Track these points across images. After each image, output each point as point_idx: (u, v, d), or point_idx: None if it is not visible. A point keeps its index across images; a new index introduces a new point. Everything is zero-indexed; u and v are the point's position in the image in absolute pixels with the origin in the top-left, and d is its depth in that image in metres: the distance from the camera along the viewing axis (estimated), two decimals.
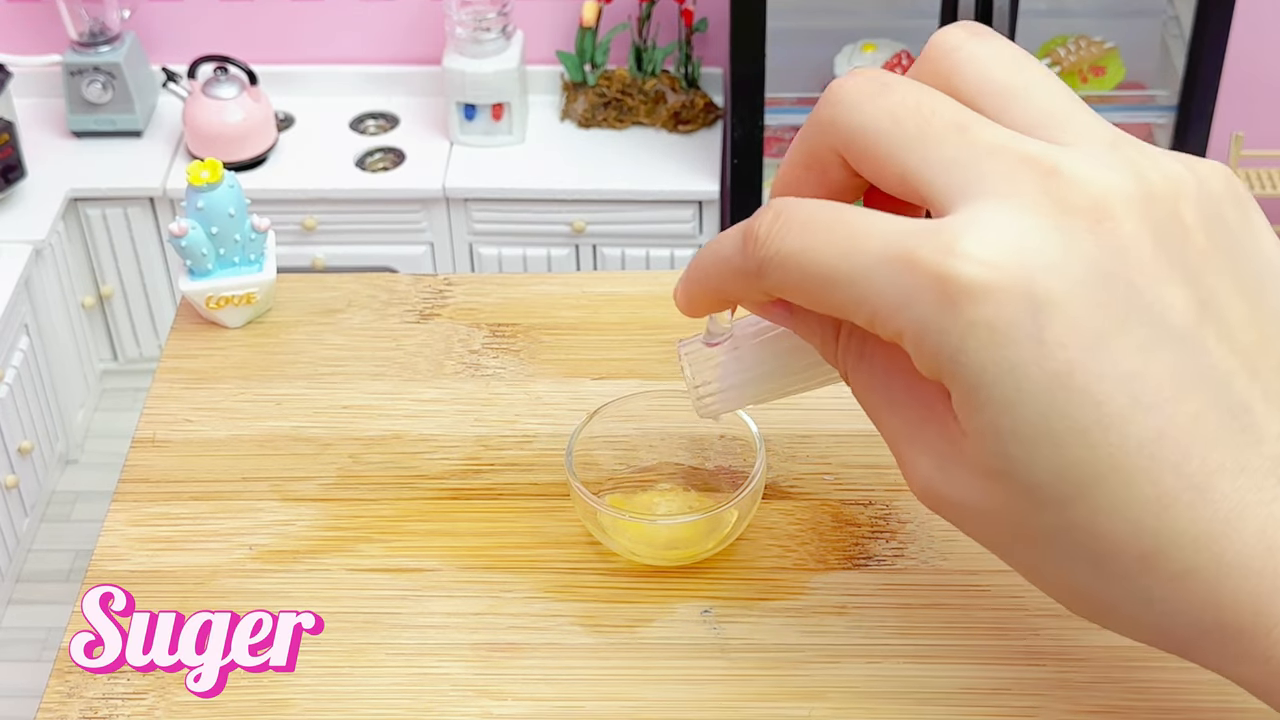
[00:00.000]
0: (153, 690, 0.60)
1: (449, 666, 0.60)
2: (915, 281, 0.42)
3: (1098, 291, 0.41)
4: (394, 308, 0.79)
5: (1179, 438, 0.41)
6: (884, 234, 0.43)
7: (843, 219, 0.44)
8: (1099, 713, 0.57)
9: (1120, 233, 0.41)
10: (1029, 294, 0.41)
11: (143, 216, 2.37)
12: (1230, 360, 0.42)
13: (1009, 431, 0.42)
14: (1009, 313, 0.41)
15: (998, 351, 0.41)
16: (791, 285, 0.45)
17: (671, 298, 0.53)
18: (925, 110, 0.44)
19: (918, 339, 0.42)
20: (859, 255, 0.43)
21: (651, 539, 0.63)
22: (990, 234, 0.41)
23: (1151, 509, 0.41)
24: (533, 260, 2.42)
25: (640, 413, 0.67)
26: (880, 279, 0.42)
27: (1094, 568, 0.43)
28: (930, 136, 0.44)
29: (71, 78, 2.38)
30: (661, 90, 2.42)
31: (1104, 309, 0.41)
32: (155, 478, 0.70)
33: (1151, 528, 0.41)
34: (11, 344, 2.19)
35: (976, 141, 0.43)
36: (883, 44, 2.35)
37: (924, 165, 0.43)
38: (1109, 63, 2.32)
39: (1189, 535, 0.41)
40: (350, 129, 2.47)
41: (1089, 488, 0.41)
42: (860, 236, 0.43)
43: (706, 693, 0.59)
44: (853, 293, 0.43)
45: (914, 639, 0.61)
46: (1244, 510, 0.41)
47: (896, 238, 0.42)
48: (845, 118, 0.45)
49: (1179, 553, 0.41)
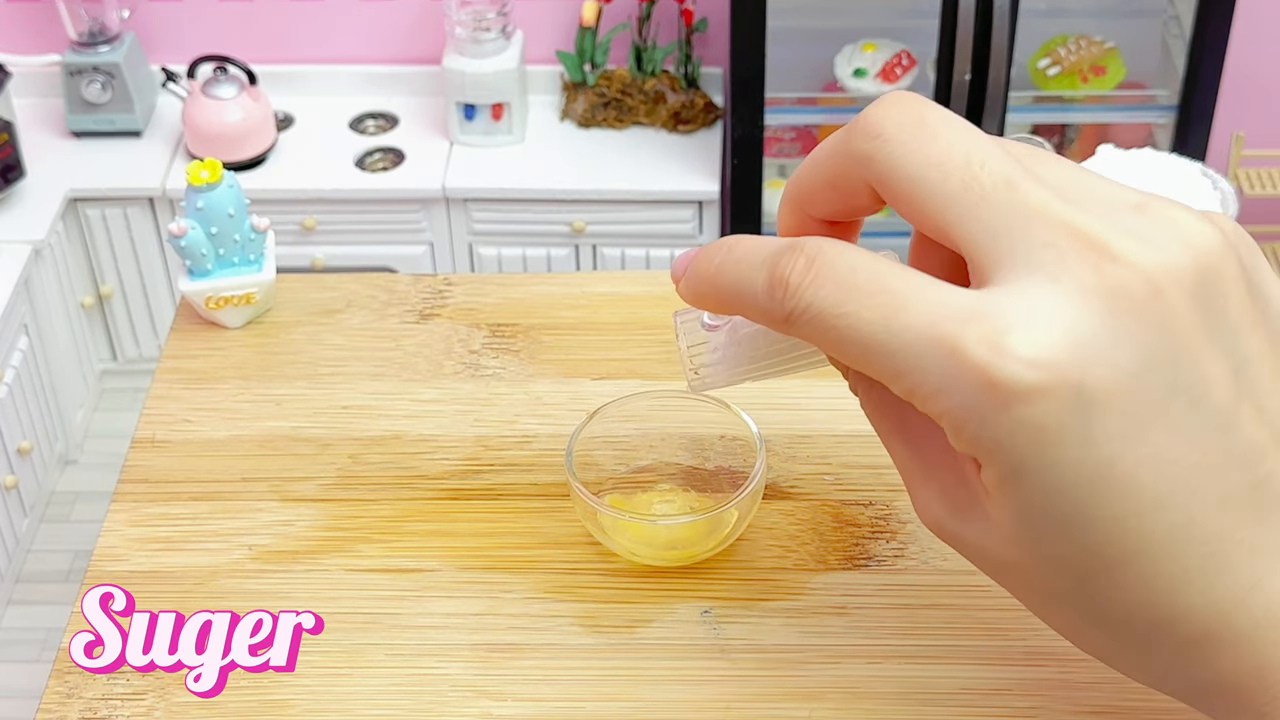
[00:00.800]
0: (152, 690, 0.60)
1: (449, 667, 0.60)
2: (960, 371, 0.40)
3: (1145, 378, 0.40)
4: (394, 308, 0.79)
5: (1207, 520, 0.41)
6: (929, 310, 0.41)
7: (884, 284, 0.42)
8: (1099, 713, 0.57)
9: (1170, 312, 0.41)
10: (1078, 392, 0.40)
11: (142, 216, 2.37)
12: (1261, 433, 0.42)
13: (1041, 512, 0.41)
14: (1057, 413, 0.40)
15: (1042, 448, 0.40)
16: (822, 341, 0.43)
17: (670, 297, 0.53)
18: (975, 164, 0.42)
19: (957, 424, 0.41)
20: (901, 330, 0.41)
21: (651, 539, 0.63)
22: (1040, 328, 0.40)
23: (1171, 585, 0.41)
24: (532, 260, 2.41)
25: (640, 413, 0.67)
26: (922, 359, 0.41)
27: (1100, 625, 0.43)
28: (976, 195, 0.42)
29: (71, 78, 2.38)
30: (661, 90, 2.42)
31: (1149, 397, 0.40)
32: (155, 478, 0.70)
33: (1167, 601, 0.42)
34: (11, 344, 2.19)
35: (1025, 204, 0.42)
36: (883, 44, 2.35)
37: (967, 224, 0.42)
38: (1109, 63, 2.32)
39: (1203, 609, 0.41)
40: (350, 129, 2.47)
41: (1113, 567, 0.41)
42: (902, 310, 0.41)
43: (706, 693, 0.59)
44: (891, 364, 0.42)
45: (914, 639, 0.60)
46: (1258, 584, 0.41)
47: (942, 317, 0.41)
48: (887, 158, 0.43)
49: (1190, 622, 0.42)
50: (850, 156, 0.45)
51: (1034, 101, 2.32)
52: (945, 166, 0.42)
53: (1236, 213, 1.19)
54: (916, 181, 0.43)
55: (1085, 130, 2.42)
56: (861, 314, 0.42)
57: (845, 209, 0.47)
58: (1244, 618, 0.41)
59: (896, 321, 0.41)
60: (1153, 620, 0.42)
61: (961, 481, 0.45)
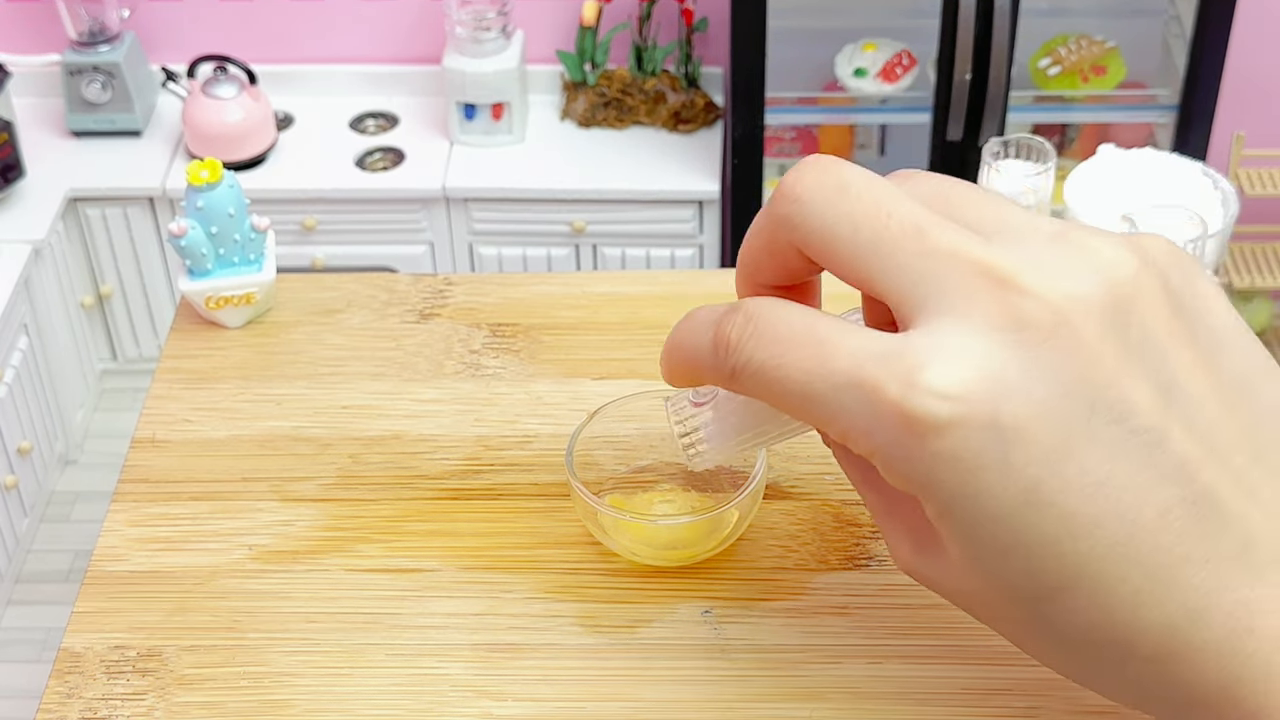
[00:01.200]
0: (152, 690, 0.60)
1: (449, 667, 0.60)
2: (880, 410, 0.42)
3: (1061, 406, 0.41)
4: (394, 308, 0.79)
5: (1146, 538, 0.42)
6: (851, 355, 0.43)
7: (814, 335, 0.44)
8: (1098, 713, 0.57)
9: (1080, 340, 0.42)
10: (992, 423, 0.41)
11: (142, 216, 2.37)
12: (1195, 448, 0.42)
13: (980, 542, 0.43)
14: (974, 443, 0.41)
15: (964, 478, 0.42)
16: (765, 394, 0.46)
17: (670, 297, 0.53)
18: (883, 215, 0.44)
19: (885, 463, 0.43)
20: (828, 376, 0.43)
21: (652, 539, 0.63)
22: (950, 363, 0.42)
23: (1123, 604, 0.42)
24: (533, 260, 2.42)
25: (641, 413, 0.67)
26: (848, 402, 0.43)
27: (1067, 651, 0.44)
28: (887, 244, 0.44)
29: (71, 77, 2.38)
30: (662, 90, 2.42)
31: (1067, 423, 0.42)
32: (155, 478, 0.70)
33: (1123, 620, 0.42)
34: (11, 344, 2.19)
35: (934, 249, 0.43)
36: (883, 44, 2.35)
37: (883, 274, 0.44)
38: (1110, 62, 2.32)
39: (1158, 625, 0.42)
40: (350, 128, 2.47)
41: (1061, 590, 0.42)
42: (829, 357, 0.44)
43: (707, 693, 0.59)
44: (824, 411, 0.44)
45: (915, 639, 0.60)
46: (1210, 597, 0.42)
47: (863, 361, 0.43)
48: (803, 220, 0.45)
49: (1150, 640, 0.42)
50: (774, 220, 0.47)
51: (1034, 101, 2.32)
52: (855, 220, 0.44)
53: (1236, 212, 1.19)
54: (831, 238, 0.45)
55: (1086, 130, 2.42)
56: (791, 364, 0.44)
57: (785, 274, 0.49)
58: (1202, 632, 0.42)
59: (824, 369, 0.44)
60: (1112, 641, 0.43)
61: (922, 522, 0.46)
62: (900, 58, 2.32)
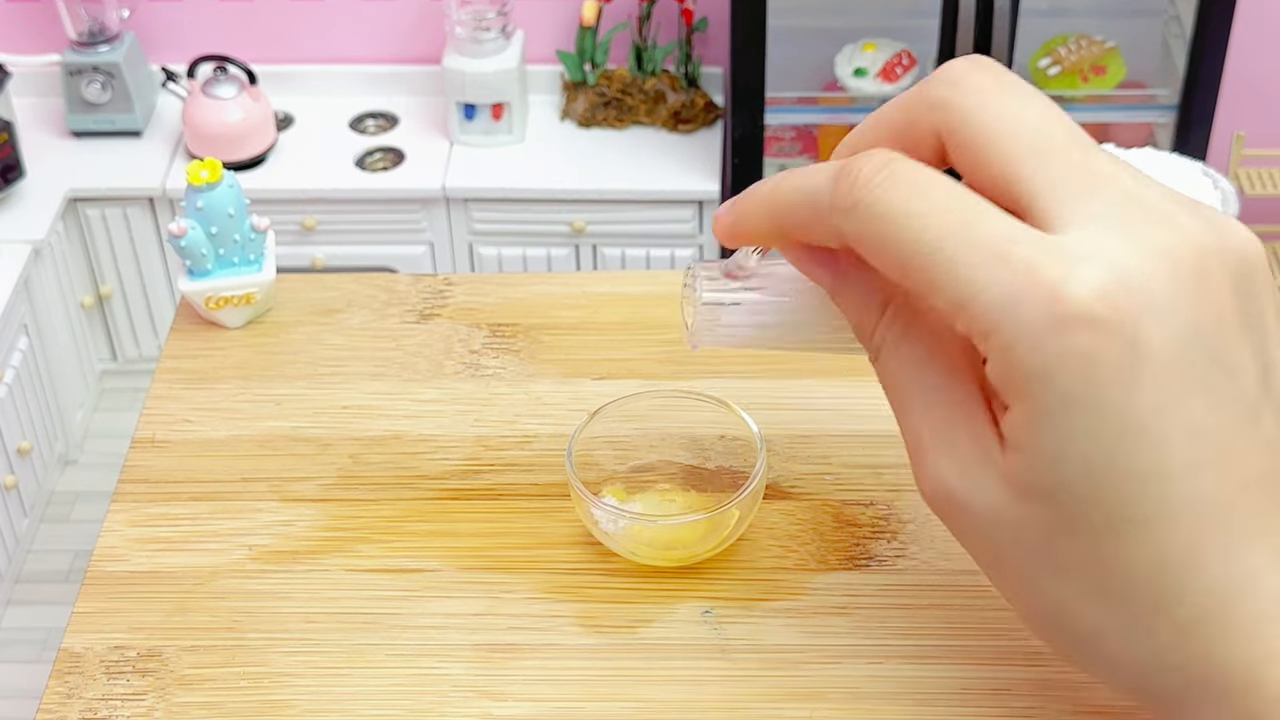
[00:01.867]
0: (152, 691, 0.60)
1: (449, 667, 0.60)
2: (1028, 289, 0.41)
3: (1191, 347, 0.41)
4: (394, 308, 0.79)
5: (1225, 501, 0.42)
6: (1005, 229, 0.42)
7: (960, 197, 0.43)
8: (1098, 713, 0.57)
9: (1219, 291, 0.42)
10: (1134, 338, 0.41)
11: (142, 216, 2.37)
12: (1275, 431, 0.43)
13: (1069, 457, 0.42)
14: (1112, 352, 0.41)
15: (1090, 384, 0.41)
16: (876, 239, 0.43)
17: (670, 297, 0.53)
18: (1048, 126, 0.44)
19: (1008, 345, 0.42)
20: (972, 241, 0.42)
21: (652, 539, 0.63)
22: (1109, 266, 0.41)
23: (1181, 559, 0.42)
24: (533, 260, 2.42)
25: (641, 413, 0.67)
26: (988, 273, 0.42)
27: (1101, 596, 0.43)
28: (1048, 152, 0.43)
29: (70, 77, 2.38)
30: (662, 90, 2.42)
31: (1193, 362, 0.41)
32: (155, 478, 0.70)
33: (1175, 575, 0.42)
34: (11, 344, 2.19)
35: (1095, 169, 0.43)
36: (883, 44, 2.35)
37: (1041, 176, 0.43)
38: (1110, 62, 2.32)
39: (1207, 590, 0.42)
40: (350, 129, 2.47)
41: (1130, 526, 0.42)
42: (976, 223, 0.42)
43: (707, 693, 0.59)
44: (949, 274, 0.42)
45: (915, 640, 0.60)
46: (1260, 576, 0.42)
47: (1017, 238, 0.42)
48: (962, 107, 0.44)
49: (1193, 603, 0.42)
50: (925, 102, 0.45)
51: None
52: (1020, 122, 0.44)
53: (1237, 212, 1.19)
54: (990, 132, 0.44)
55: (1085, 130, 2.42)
56: (933, 216, 0.42)
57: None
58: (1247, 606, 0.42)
59: (970, 232, 0.42)
60: (1156, 595, 0.42)
61: (976, 438, 0.45)
62: (900, 58, 2.32)
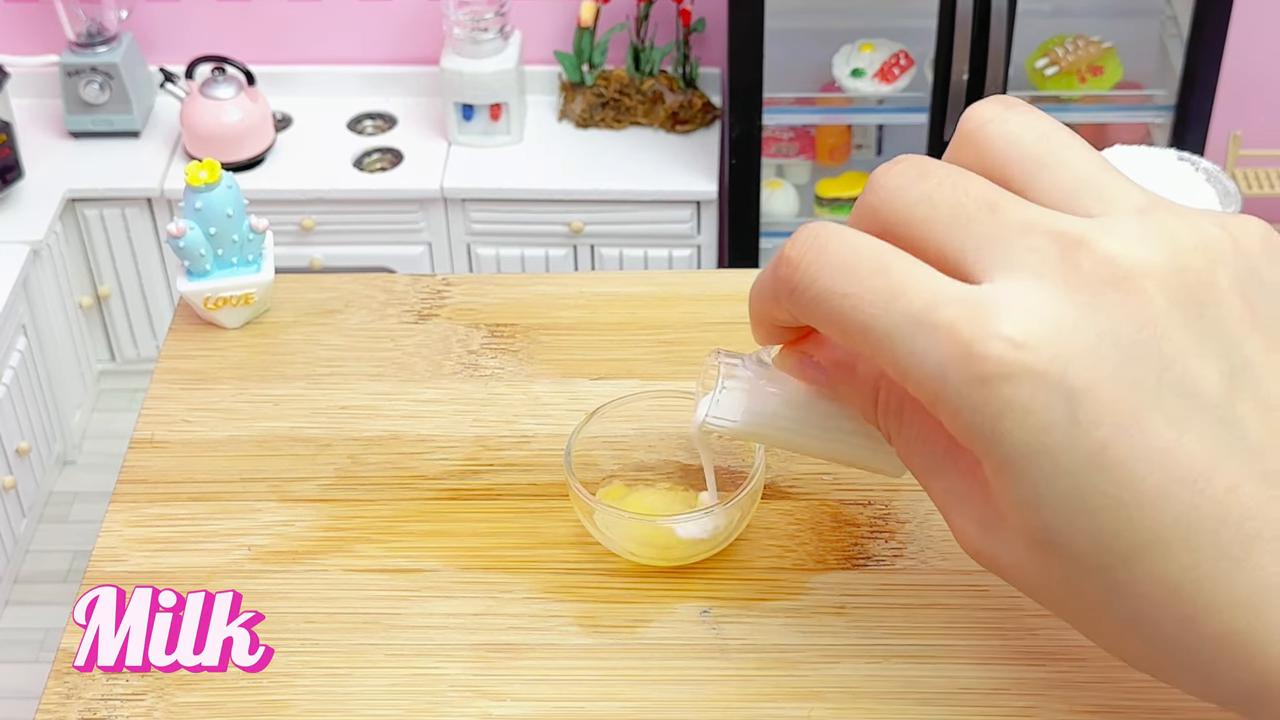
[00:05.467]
0: (152, 691, 0.60)
1: (448, 667, 0.60)
2: (952, 351, 0.42)
3: (1130, 369, 0.42)
4: (392, 308, 0.79)
5: (1214, 510, 0.41)
6: (929, 296, 0.43)
7: (882, 265, 0.44)
8: (1096, 712, 0.57)
9: (1150, 307, 0.42)
10: (1062, 379, 0.41)
11: (140, 217, 2.37)
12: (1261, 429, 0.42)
13: (1046, 505, 0.43)
14: (1043, 397, 0.41)
15: (1031, 433, 0.42)
16: (820, 319, 0.46)
17: (668, 298, 0.53)
18: (959, 192, 0.45)
19: (952, 411, 0.43)
20: (897, 314, 0.43)
21: (650, 539, 0.63)
22: (1025, 314, 0.42)
23: (1190, 577, 0.42)
24: (531, 260, 2.41)
25: (639, 413, 0.67)
26: (917, 342, 0.43)
27: (1139, 629, 0.44)
28: (963, 217, 0.44)
29: (69, 78, 2.38)
30: (659, 90, 2.42)
31: (1136, 387, 0.42)
32: (153, 478, 0.70)
33: (1190, 594, 0.42)
34: (9, 345, 2.19)
35: (1008, 220, 0.44)
36: (880, 44, 2.35)
37: (959, 244, 0.44)
38: (1107, 62, 2.32)
39: (1226, 601, 0.42)
40: (348, 129, 2.47)
41: (1128, 557, 0.42)
42: (900, 293, 0.44)
43: (706, 693, 0.59)
44: (888, 346, 0.44)
45: (913, 639, 0.61)
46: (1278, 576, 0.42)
47: (937, 303, 0.43)
48: (887, 205, 0.46)
49: (1217, 616, 0.42)
50: (862, 211, 0.47)
51: (1032, 101, 2.32)
52: (934, 197, 0.45)
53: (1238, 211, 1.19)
54: (910, 217, 0.45)
55: (1083, 130, 2.41)
56: (863, 296, 0.44)
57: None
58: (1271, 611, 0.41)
59: (898, 303, 0.44)
60: (1181, 617, 0.42)
61: (985, 499, 0.46)
62: (897, 58, 2.32)
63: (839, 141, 2.44)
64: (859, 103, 2.33)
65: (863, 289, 0.44)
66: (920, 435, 0.48)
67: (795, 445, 0.57)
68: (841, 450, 0.56)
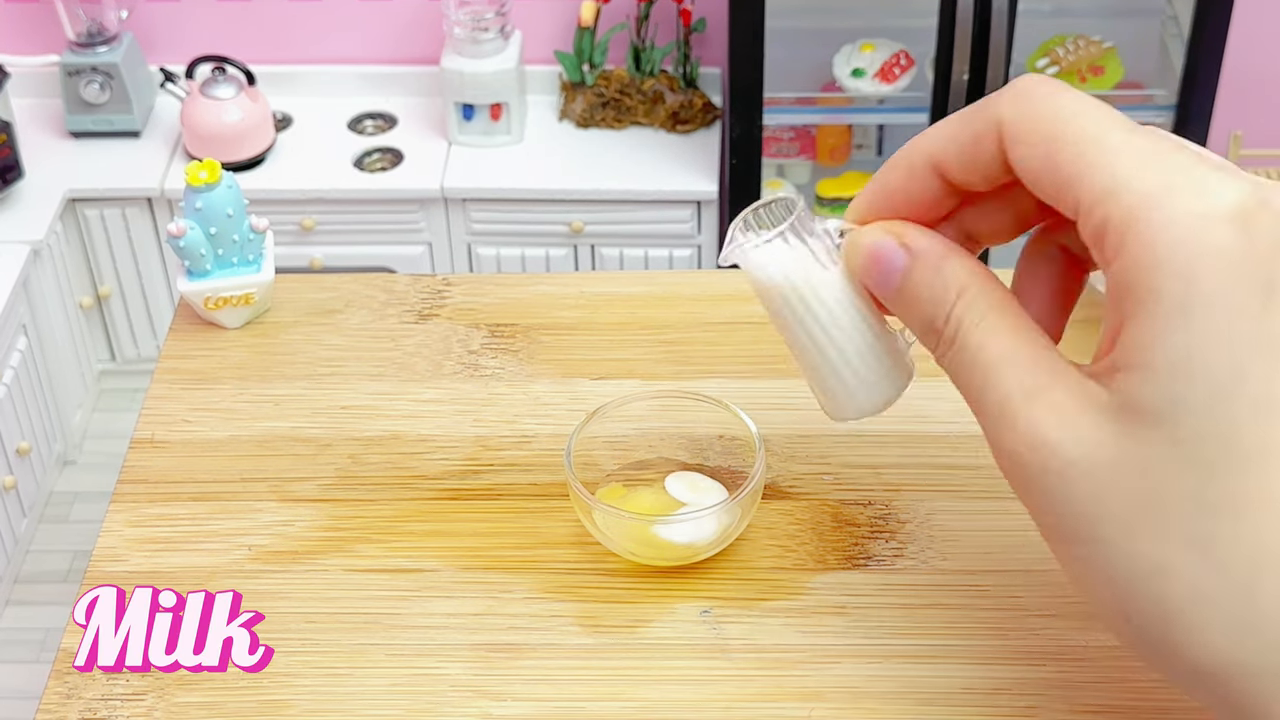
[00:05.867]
0: (152, 691, 0.60)
1: (448, 667, 0.60)
2: (1182, 183, 0.42)
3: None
4: (392, 308, 0.79)
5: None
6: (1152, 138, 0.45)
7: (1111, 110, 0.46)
8: (1097, 712, 0.57)
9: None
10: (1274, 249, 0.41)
11: (141, 217, 2.37)
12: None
13: (1195, 372, 0.40)
14: (1257, 252, 0.40)
15: (1228, 287, 0.40)
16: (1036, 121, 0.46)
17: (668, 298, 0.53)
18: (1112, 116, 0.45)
19: (1151, 239, 0.41)
20: (1130, 143, 0.44)
21: (650, 539, 0.63)
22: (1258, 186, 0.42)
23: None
24: (531, 260, 2.41)
25: (639, 413, 0.67)
26: (1143, 165, 0.43)
27: (1201, 551, 0.40)
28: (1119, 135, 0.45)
29: (69, 78, 2.38)
30: (660, 90, 2.42)
31: None
32: (154, 478, 0.70)
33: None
34: (9, 345, 2.19)
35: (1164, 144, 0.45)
36: (881, 44, 2.35)
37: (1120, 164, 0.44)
38: (1107, 62, 2.32)
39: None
40: (348, 129, 2.47)
41: (1244, 462, 0.39)
42: (1136, 130, 0.45)
43: (706, 693, 0.59)
44: (1104, 160, 0.44)
45: (913, 639, 0.61)
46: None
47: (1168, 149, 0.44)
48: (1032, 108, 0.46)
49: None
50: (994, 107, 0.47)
51: None
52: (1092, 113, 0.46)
53: None
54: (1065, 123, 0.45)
55: None
56: (1091, 114, 0.45)
57: (968, 168, 0.48)
58: None
59: (1130, 135, 0.44)
60: (1262, 551, 0.39)
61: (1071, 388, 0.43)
62: (898, 58, 2.32)
63: (839, 141, 2.43)
64: (859, 103, 2.33)
65: (1092, 106, 0.45)
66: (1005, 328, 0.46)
67: (797, 330, 0.54)
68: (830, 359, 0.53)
